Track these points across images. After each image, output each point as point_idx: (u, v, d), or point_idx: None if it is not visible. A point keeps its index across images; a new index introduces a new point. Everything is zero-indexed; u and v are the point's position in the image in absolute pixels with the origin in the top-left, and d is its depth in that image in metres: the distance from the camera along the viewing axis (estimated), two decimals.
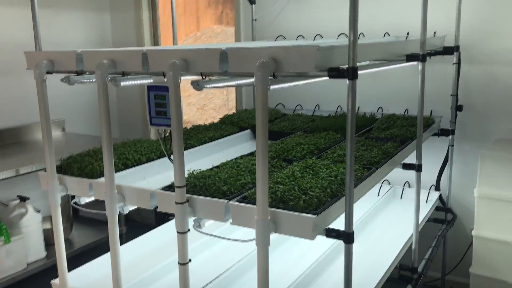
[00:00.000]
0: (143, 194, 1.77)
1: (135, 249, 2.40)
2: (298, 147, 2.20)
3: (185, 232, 1.63)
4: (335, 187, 1.65)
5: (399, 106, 3.11)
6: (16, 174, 2.90)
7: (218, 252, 2.35)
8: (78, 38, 4.00)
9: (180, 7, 5.32)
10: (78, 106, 4.02)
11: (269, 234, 1.47)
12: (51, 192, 1.93)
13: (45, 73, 1.86)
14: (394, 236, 2.50)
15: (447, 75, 2.96)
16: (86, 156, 2.05)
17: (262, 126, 1.42)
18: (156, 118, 1.76)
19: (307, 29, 3.39)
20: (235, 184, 1.72)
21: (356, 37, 1.42)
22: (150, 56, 1.65)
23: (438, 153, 3.05)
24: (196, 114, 5.73)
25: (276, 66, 1.42)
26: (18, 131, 3.62)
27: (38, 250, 3.04)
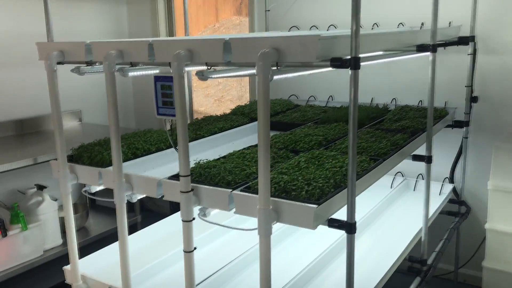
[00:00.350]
0: (150, 183, 1.80)
1: (146, 237, 2.44)
2: (306, 138, 2.19)
3: (190, 221, 1.66)
4: (339, 178, 1.64)
5: (413, 97, 3.07)
6: (34, 162, 2.97)
7: (223, 244, 2.37)
8: (95, 29, 4.06)
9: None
10: (95, 97, 4.08)
11: (271, 223, 1.48)
12: (62, 181, 1.97)
13: (56, 64, 1.89)
14: (405, 228, 2.48)
15: (462, 65, 2.91)
16: (97, 146, 2.09)
17: (264, 116, 1.42)
18: (162, 108, 1.78)
19: (321, 19, 3.36)
20: (240, 174, 1.74)
21: (358, 27, 1.41)
22: (156, 46, 1.66)
23: (452, 145, 3.02)
24: (213, 105, 5.75)
25: (278, 56, 1.42)
26: (37, 121, 3.70)
27: (54, 237, 3.11)
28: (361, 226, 2.46)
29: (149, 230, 2.50)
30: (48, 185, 3.27)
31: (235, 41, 1.50)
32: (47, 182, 3.33)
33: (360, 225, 2.44)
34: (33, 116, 3.68)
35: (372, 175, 1.81)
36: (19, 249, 2.87)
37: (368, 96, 3.26)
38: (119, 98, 4.45)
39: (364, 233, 2.46)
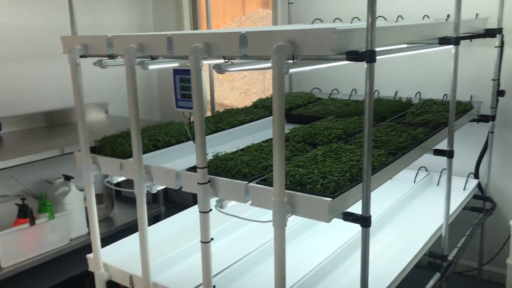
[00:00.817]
0: (169, 174, 1.83)
1: (167, 228, 2.48)
2: (325, 131, 2.19)
3: (207, 212, 1.68)
4: (355, 172, 1.64)
5: (438, 91, 3.02)
6: (61, 153, 3.05)
7: (241, 237, 2.39)
8: (120, 23, 4.12)
9: None
10: (121, 89, 4.13)
11: (285, 216, 1.49)
12: (85, 171, 2.03)
13: (79, 57, 1.94)
14: (427, 223, 2.46)
15: (489, 58, 2.84)
16: (119, 137, 2.14)
17: (279, 109, 1.43)
18: (181, 100, 1.81)
19: (345, 12, 3.33)
20: (257, 166, 1.75)
21: (374, 20, 1.40)
22: (174, 40, 1.69)
23: (478, 140, 2.96)
24: (239, 98, 5.78)
25: (293, 49, 1.42)
26: (65, 112, 3.79)
27: (80, 226, 3.19)
28: (382, 221, 2.44)
29: (170, 221, 2.55)
30: (75, 176, 3.36)
31: (251, 34, 1.51)
32: (73, 173, 3.42)
33: (381, 219, 2.43)
34: (61, 108, 3.77)
35: (389, 169, 1.80)
36: (46, 237, 2.96)
37: (392, 89, 3.22)
38: (144, 91, 4.54)
39: (385, 228, 2.44)
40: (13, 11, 3.44)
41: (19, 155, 2.83)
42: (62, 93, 3.74)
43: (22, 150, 2.97)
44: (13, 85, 3.49)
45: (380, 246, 2.25)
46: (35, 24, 3.56)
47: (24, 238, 2.86)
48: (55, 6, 3.63)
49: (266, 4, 7.27)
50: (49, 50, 3.61)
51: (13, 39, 3.46)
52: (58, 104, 3.76)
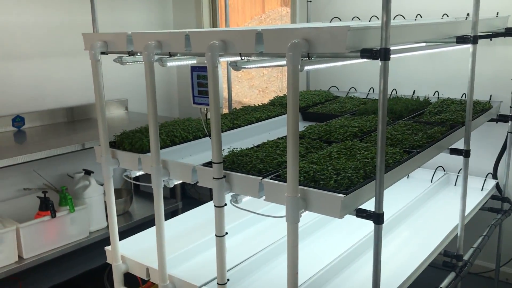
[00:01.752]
0: (185, 169, 1.86)
1: (184, 223, 2.52)
2: (341, 129, 2.20)
3: (222, 206, 1.71)
4: (369, 169, 1.65)
5: (456, 90, 3.00)
6: (82, 148, 3.12)
7: (255, 233, 2.42)
8: (141, 20, 4.18)
9: None
10: (140, 86, 4.21)
11: (298, 211, 1.51)
12: (104, 165, 2.08)
13: (100, 54, 1.99)
14: (443, 222, 2.45)
15: (509, 58, 2.81)
16: (138, 133, 2.18)
17: (293, 106, 1.44)
18: (198, 97, 1.84)
19: (363, 10, 3.33)
20: (272, 162, 1.77)
21: (389, 18, 1.41)
22: (192, 37, 1.72)
23: (496, 140, 2.93)
24: (258, 96, 5.81)
25: (308, 46, 1.44)
26: (86, 108, 3.87)
27: (99, 220, 3.26)
28: (397, 219, 2.44)
29: (186, 215, 2.59)
30: (95, 171, 3.43)
31: (267, 32, 1.53)
32: (94, 168, 3.49)
33: (396, 218, 2.43)
34: (83, 104, 3.85)
35: (404, 167, 1.80)
36: (66, 230, 3.03)
37: (410, 88, 3.21)
38: (164, 88, 4.59)
39: (400, 226, 2.44)
40: (35, 9, 3.53)
41: (41, 149, 2.90)
42: (84, 89, 3.82)
43: (44, 144, 3.04)
44: (36, 81, 3.58)
45: (395, 245, 2.25)
46: (57, 22, 3.64)
47: (45, 230, 2.93)
48: (78, 3, 3.71)
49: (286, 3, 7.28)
50: (71, 47, 3.69)
51: (36, 36, 3.54)
52: (80, 100, 3.84)
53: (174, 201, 3.80)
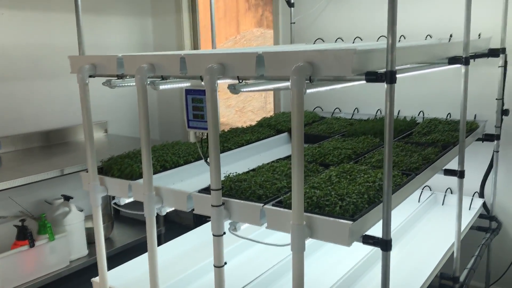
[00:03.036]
0: (180, 196, 1.79)
1: (173, 250, 2.44)
2: (335, 151, 2.17)
3: (221, 235, 1.64)
4: (372, 193, 1.62)
5: (441, 110, 3.03)
6: (61, 174, 3.00)
7: (253, 255, 2.36)
8: (121, 42, 4.11)
9: (220, 10, 5.38)
10: (120, 108, 4.13)
11: (304, 239, 1.45)
12: (92, 193, 1.98)
13: (88, 77, 1.91)
14: (435, 243, 2.43)
15: (492, 78, 2.86)
16: (126, 158, 2.10)
17: (298, 130, 1.41)
18: (193, 121, 1.78)
19: (346, 31, 3.35)
20: (271, 188, 1.72)
21: (394, 40, 1.39)
22: (188, 60, 1.67)
23: (482, 159, 2.95)
24: (235, 116, 5.77)
25: (312, 70, 1.40)
26: (63, 132, 3.75)
27: (80, 248, 3.13)
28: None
29: (175, 242, 2.50)
30: (74, 196, 3.31)
31: (268, 55, 1.49)
32: (73, 193, 3.37)
33: None
34: (59, 127, 3.73)
35: (405, 190, 1.78)
36: (46, 259, 2.89)
37: (395, 108, 3.22)
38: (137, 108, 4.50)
39: (393, 249, 2.39)
40: (13, 31, 3.42)
41: (18, 175, 2.78)
42: (60, 112, 3.70)
43: (21, 170, 2.92)
44: (13, 104, 3.45)
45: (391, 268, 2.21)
46: (35, 43, 3.54)
47: (23, 261, 2.79)
48: (56, 25, 3.62)
49: (261, 24, 7.31)
50: (48, 69, 3.59)
51: (13, 58, 3.43)
52: (57, 124, 3.72)
53: (157, 226, 3.66)
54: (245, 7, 7.18)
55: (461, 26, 2.45)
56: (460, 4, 2.95)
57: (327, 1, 3.43)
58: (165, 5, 4.21)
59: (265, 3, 7.28)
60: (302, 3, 3.53)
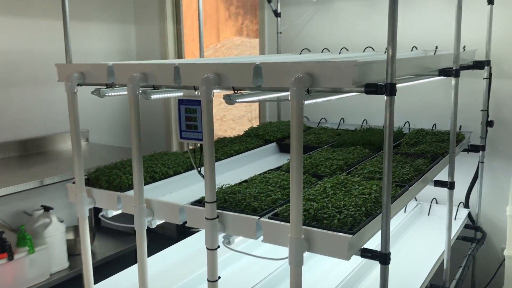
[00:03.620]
0: (172, 208, 1.75)
1: (161, 262, 2.38)
2: (327, 162, 2.16)
3: (215, 249, 1.60)
4: (369, 206, 1.60)
5: (426, 121, 3.05)
6: (41, 184, 2.92)
7: (244, 266, 2.32)
8: (103, 49, 4.04)
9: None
10: (101, 116, 4.05)
11: (302, 253, 1.43)
12: (79, 205, 1.92)
13: (76, 85, 1.86)
14: (424, 254, 2.44)
15: (476, 89, 2.90)
16: (114, 169, 2.04)
17: (297, 142, 1.38)
18: (186, 131, 1.74)
19: (333, 42, 3.36)
20: (266, 200, 1.69)
21: (395, 53, 1.39)
22: (182, 69, 1.63)
23: (467, 170, 2.98)
24: (215, 125, 5.73)
25: (312, 81, 1.39)
26: (41, 141, 3.65)
27: (61, 260, 3.03)
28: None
29: (162, 254, 2.44)
30: (54, 207, 3.21)
31: (266, 65, 1.47)
32: (52, 203, 3.27)
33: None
34: (37, 136, 3.63)
35: (399, 202, 1.77)
36: (25, 273, 2.79)
37: (380, 119, 3.23)
38: (125, 118, 4.41)
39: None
40: None
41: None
42: (38, 121, 3.61)
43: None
44: None
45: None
46: (13, 50, 3.44)
47: (2, 275, 2.68)
48: (35, 32, 3.53)
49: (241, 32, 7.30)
50: (27, 77, 3.49)
51: None
52: (35, 133, 3.62)
53: None
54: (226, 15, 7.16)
55: (445, 38, 2.47)
56: (445, 17, 3.01)
57: (313, 12, 3.44)
58: (148, 13, 4.16)
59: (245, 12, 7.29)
60: (288, 13, 3.54)
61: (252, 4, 6.99)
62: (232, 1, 6.83)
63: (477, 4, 2.82)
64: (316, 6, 3.41)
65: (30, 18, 3.51)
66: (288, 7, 3.52)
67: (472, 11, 2.83)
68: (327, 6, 3.38)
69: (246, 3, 7.21)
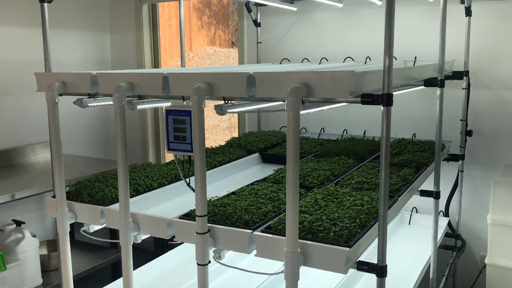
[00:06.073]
0: (159, 222, 1.69)
1: (143, 277, 2.30)
2: (314, 172, 2.14)
3: (206, 264, 1.55)
4: (363, 217, 1.58)
5: (405, 130, 3.08)
6: (12, 199, 2.80)
7: (231, 278, 2.27)
8: (77, 57, 3.93)
9: (173, 28, 5.31)
10: (75, 127, 3.93)
11: (299, 268, 1.39)
12: (60, 220, 1.83)
13: (57, 95, 1.78)
14: (407, 264, 2.44)
15: (455, 99, 2.94)
16: (96, 182, 1.97)
17: (293, 153, 1.35)
18: (174, 143, 1.68)
19: (312, 52, 3.36)
20: (257, 212, 1.65)
21: (391, 63, 1.38)
22: (171, 79, 1.59)
23: (447, 178, 3.01)
24: None
25: (308, 91, 1.36)
26: (8, 153, 3.51)
27: (34, 277, 2.90)
28: None
29: (144, 269, 2.36)
30: (26, 221, 3.08)
31: (260, 75, 1.44)
32: (24, 218, 3.15)
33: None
34: (6, 148, 3.48)
35: (391, 212, 1.76)
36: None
37: (360, 128, 3.25)
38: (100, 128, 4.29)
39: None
40: None
41: None
42: (7, 133, 3.47)
43: None
44: None
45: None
46: None
47: None
48: (2, 40, 3.40)
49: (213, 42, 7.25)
50: None
51: None
52: (3, 145, 3.47)
53: (116, 251, 3.50)
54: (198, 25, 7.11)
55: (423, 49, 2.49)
56: (423, 28, 3.05)
57: (293, 22, 3.43)
58: (124, 21, 4.08)
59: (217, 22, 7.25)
60: (268, 23, 3.52)
61: (225, 14, 6.99)
62: (205, 11, 6.80)
63: (455, 15, 2.87)
64: (296, 16, 3.41)
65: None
66: (268, 17, 3.51)
67: (449, 23, 2.87)
68: (306, 16, 3.39)
69: (219, 13, 7.20)
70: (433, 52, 2.33)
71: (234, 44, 6.71)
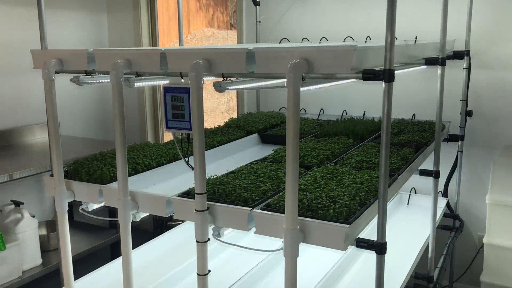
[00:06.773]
0: (158, 201, 1.68)
1: (142, 257, 2.30)
2: (313, 152, 2.13)
3: (205, 242, 1.55)
4: (363, 195, 1.58)
5: (405, 111, 3.06)
6: (10, 179, 2.79)
7: (230, 257, 2.28)
8: (73, 38, 3.89)
9: (171, 9, 5.25)
10: (72, 108, 3.91)
11: (298, 245, 1.39)
12: (59, 198, 1.83)
13: (54, 73, 1.76)
14: (407, 244, 2.44)
15: (456, 80, 2.92)
16: (94, 161, 1.96)
17: (293, 130, 1.34)
18: (173, 121, 1.67)
19: (312, 32, 3.32)
20: (256, 191, 1.65)
21: (393, 39, 1.36)
22: (169, 56, 1.56)
23: (446, 159, 3.01)
24: None
25: (308, 67, 1.34)
26: (9, 134, 3.49)
27: (34, 257, 2.91)
28: None
29: (143, 249, 2.37)
30: (25, 201, 3.08)
31: (259, 51, 1.42)
32: (23, 198, 3.14)
33: None
34: (4, 129, 3.47)
35: (391, 191, 1.75)
36: None
37: (360, 109, 3.23)
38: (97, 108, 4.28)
39: (363, 252, 2.39)
40: None
41: None
42: (6, 113, 3.45)
43: None
44: None
45: (365, 272, 2.19)
46: None
47: None
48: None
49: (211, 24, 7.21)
50: None
51: None
52: (1, 125, 3.46)
53: (115, 232, 3.51)
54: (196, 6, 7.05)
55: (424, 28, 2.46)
56: (425, 7, 3.01)
57: (292, 1, 3.39)
58: (122, 2, 4.03)
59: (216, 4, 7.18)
60: (267, 2, 3.48)
61: None
62: None
63: None
64: None
65: None
66: None
67: (451, 2, 2.84)
68: None
69: None
70: (434, 32, 2.32)
71: (232, 26, 6.64)
